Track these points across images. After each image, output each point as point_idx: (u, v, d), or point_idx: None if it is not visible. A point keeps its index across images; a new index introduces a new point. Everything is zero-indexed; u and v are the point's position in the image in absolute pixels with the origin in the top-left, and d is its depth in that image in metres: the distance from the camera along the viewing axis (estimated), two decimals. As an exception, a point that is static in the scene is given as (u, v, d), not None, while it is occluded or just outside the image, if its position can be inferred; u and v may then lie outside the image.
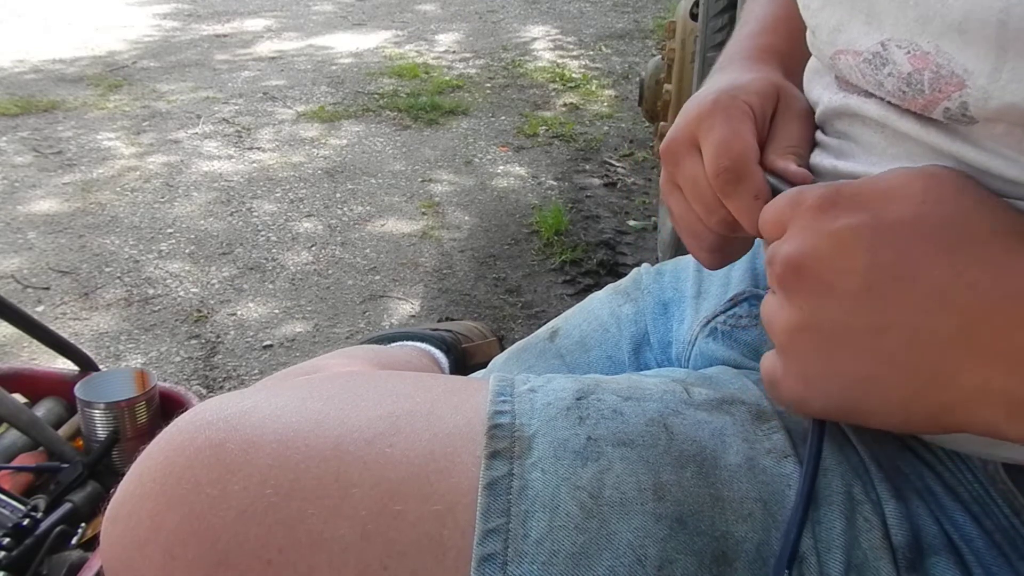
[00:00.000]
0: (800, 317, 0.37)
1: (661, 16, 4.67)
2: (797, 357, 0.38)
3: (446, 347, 1.14)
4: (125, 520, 0.41)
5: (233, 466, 0.40)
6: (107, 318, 1.80)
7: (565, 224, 2.22)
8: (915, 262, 0.34)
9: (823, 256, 0.36)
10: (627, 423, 0.44)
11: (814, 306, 0.37)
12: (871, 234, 0.35)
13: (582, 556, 0.39)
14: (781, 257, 0.38)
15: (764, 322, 0.41)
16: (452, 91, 3.42)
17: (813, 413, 0.40)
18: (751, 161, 0.46)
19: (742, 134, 0.46)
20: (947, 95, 0.37)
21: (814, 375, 0.38)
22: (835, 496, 0.42)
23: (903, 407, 0.36)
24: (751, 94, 0.49)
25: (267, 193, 2.44)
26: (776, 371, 0.40)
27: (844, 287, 0.36)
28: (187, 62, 3.77)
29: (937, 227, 0.35)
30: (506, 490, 0.40)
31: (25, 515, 0.93)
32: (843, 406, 0.38)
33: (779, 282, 0.38)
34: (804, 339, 0.37)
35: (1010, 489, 0.43)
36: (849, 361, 0.36)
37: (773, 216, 0.41)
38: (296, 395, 0.45)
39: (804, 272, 0.37)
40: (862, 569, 0.40)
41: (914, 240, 0.35)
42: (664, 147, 0.50)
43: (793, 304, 0.38)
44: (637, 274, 0.72)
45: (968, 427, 0.35)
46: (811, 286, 0.37)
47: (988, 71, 0.35)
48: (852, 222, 0.36)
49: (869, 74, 0.41)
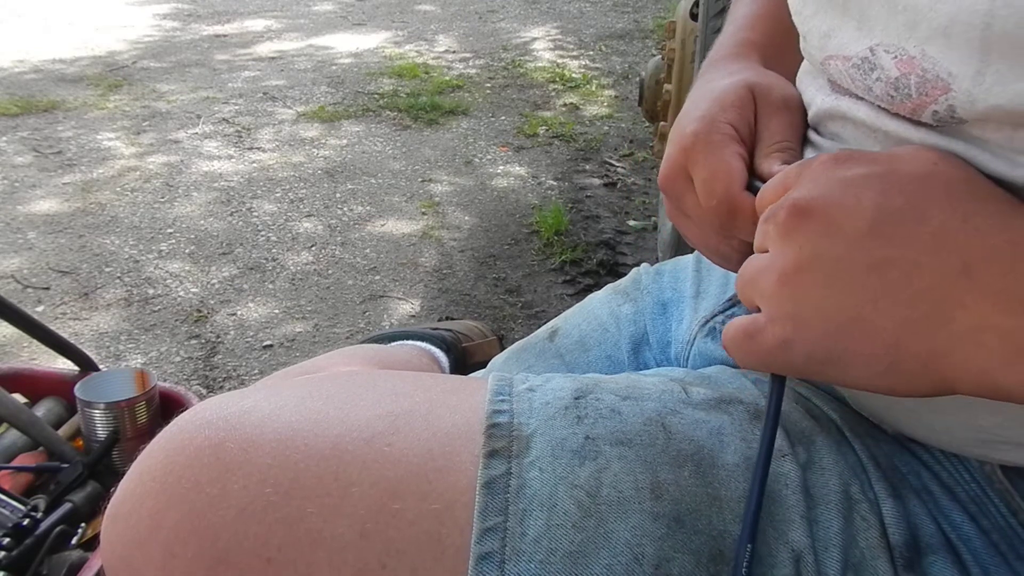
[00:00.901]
0: (799, 257, 0.37)
1: (661, 16, 4.67)
2: (789, 298, 0.37)
3: (446, 346, 1.14)
4: (125, 518, 0.41)
5: (233, 465, 0.40)
6: (107, 318, 1.80)
7: (565, 224, 2.22)
8: (924, 207, 0.35)
9: (833, 197, 0.36)
10: (625, 422, 0.44)
11: (816, 244, 0.36)
12: (882, 181, 0.36)
13: (579, 555, 0.39)
14: (788, 202, 0.37)
15: (745, 282, 0.40)
16: (452, 91, 3.42)
17: (793, 362, 0.38)
18: (737, 193, 0.46)
19: (724, 165, 0.46)
20: (934, 99, 0.37)
21: (803, 316, 0.36)
22: (832, 495, 0.42)
23: (892, 348, 0.35)
24: (728, 109, 0.49)
25: (267, 193, 2.44)
26: (756, 322, 0.38)
27: (850, 225, 0.35)
28: (187, 62, 3.77)
29: (948, 182, 0.35)
30: (504, 489, 0.40)
31: (25, 515, 0.93)
32: (828, 351, 0.36)
33: (781, 227, 0.37)
34: (800, 279, 0.37)
35: (1007, 489, 0.43)
36: (845, 298, 0.35)
37: (775, 185, 0.41)
38: (295, 394, 0.45)
39: (811, 213, 0.36)
40: (859, 568, 0.40)
41: (924, 189, 0.35)
42: (662, 182, 0.51)
43: (793, 245, 0.37)
44: (636, 274, 0.72)
45: (959, 375, 0.34)
46: (816, 226, 0.36)
47: (972, 74, 0.35)
48: (865, 171, 0.36)
49: (858, 79, 0.41)
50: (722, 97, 0.49)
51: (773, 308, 0.38)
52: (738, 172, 0.46)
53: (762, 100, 0.50)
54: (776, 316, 0.37)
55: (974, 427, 0.41)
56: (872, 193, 0.35)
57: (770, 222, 0.38)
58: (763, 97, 0.50)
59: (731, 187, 0.46)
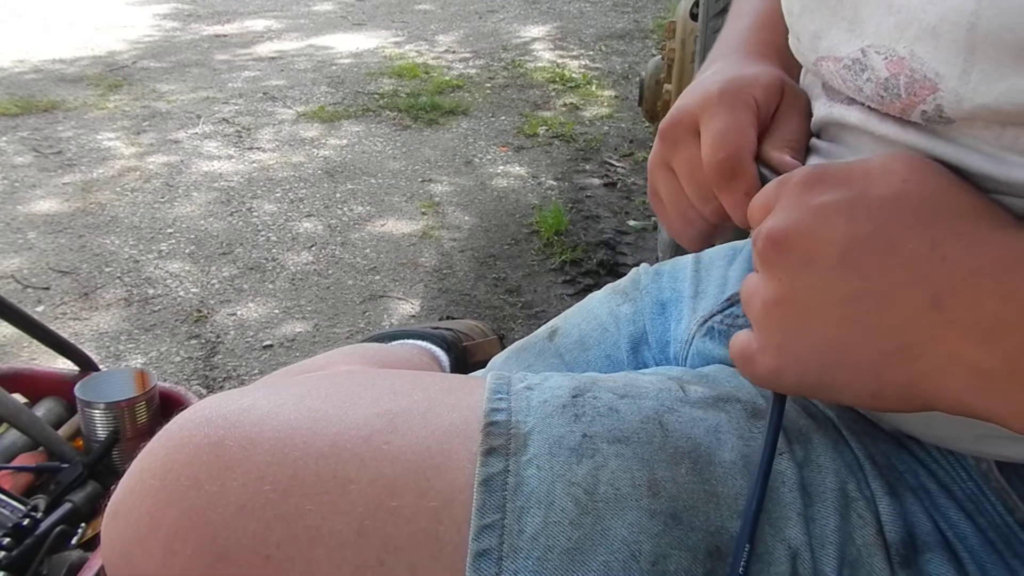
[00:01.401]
0: (778, 290, 0.38)
1: (661, 16, 4.67)
2: (774, 330, 0.38)
3: (446, 345, 1.14)
4: (125, 516, 0.41)
5: (232, 463, 0.40)
6: (107, 318, 1.81)
7: (565, 224, 2.23)
8: (892, 234, 0.35)
9: (803, 229, 0.37)
10: (623, 420, 0.44)
11: (792, 278, 0.37)
12: (851, 208, 0.36)
13: (577, 552, 0.39)
14: (764, 233, 0.38)
15: (743, 300, 0.41)
16: (452, 91, 3.43)
17: (787, 387, 0.40)
18: (747, 158, 0.46)
19: (742, 127, 0.46)
20: (922, 98, 0.37)
21: (789, 347, 0.38)
22: (829, 493, 0.42)
23: (874, 378, 0.36)
24: (758, 87, 0.49)
25: (267, 193, 2.44)
26: (751, 346, 0.40)
27: (822, 258, 0.36)
28: (187, 62, 3.77)
29: (916, 203, 0.35)
30: (502, 486, 0.40)
31: (25, 515, 0.93)
32: (817, 378, 0.38)
33: (761, 258, 0.38)
34: (781, 312, 0.38)
35: (1003, 487, 0.43)
36: (823, 331, 0.36)
37: (761, 201, 0.41)
38: (294, 393, 0.45)
39: (785, 245, 0.37)
40: (856, 565, 0.41)
41: (893, 214, 0.35)
42: (664, 126, 0.50)
43: (772, 277, 0.38)
44: (636, 274, 0.72)
45: (938, 401, 0.35)
46: (791, 259, 0.37)
47: (958, 74, 0.35)
48: (834, 197, 0.37)
49: (849, 80, 0.42)
50: (757, 75, 0.50)
51: (762, 337, 0.39)
52: (751, 139, 0.46)
53: (789, 98, 0.50)
54: (765, 345, 0.39)
55: (970, 423, 0.41)
56: (841, 222, 0.36)
57: (754, 247, 0.39)
58: (790, 96, 0.50)
59: (743, 149, 0.46)
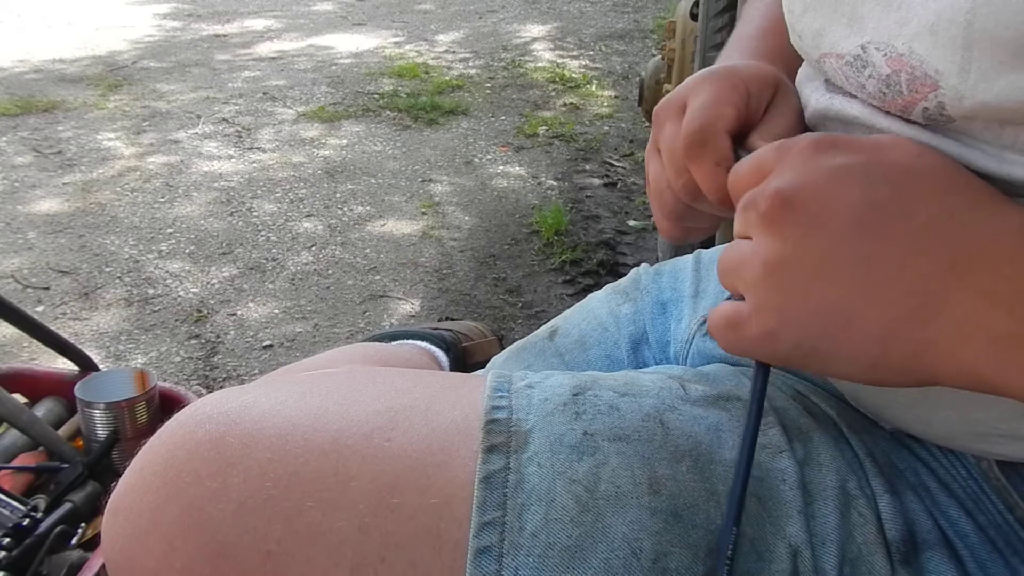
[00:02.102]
0: (783, 249, 0.36)
1: (661, 16, 4.68)
2: (773, 291, 0.36)
3: (446, 346, 1.14)
4: (126, 512, 0.41)
5: (233, 459, 0.40)
6: (107, 318, 1.81)
7: (565, 224, 2.23)
8: (910, 200, 0.34)
9: (818, 188, 0.36)
10: (623, 418, 0.44)
11: (802, 238, 0.36)
12: (867, 172, 0.35)
13: (577, 549, 0.39)
14: (770, 191, 0.37)
15: (726, 269, 0.40)
16: (452, 91, 3.43)
17: (779, 352, 0.37)
18: (720, 129, 0.46)
19: (721, 102, 0.46)
20: (923, 96, 0.37)
21: (790, 309, 0.36)
22: (829, 491, 0.42)
23: (880, 343, 0.35)
24: (751, 75, 0.49)
25: (267, 193, 2.44)
26: (741, 311, 0.38)
27: (836, 220, 0.35)
28: (187, 62, 3.77)
29: (931, 174, 0.35)
30: (502, 484, 0.40)
31: (25, 515, 0.93)
32: (815, 343, 0.36)
33: (764, 216, 0.37)
34: (785, 272, 0.36)
35: (1004, 485, 0.43)
36: (831, 294, 0.35)
37: (751, 163, 0.40)
38: (295, 390, 0.45)
39: (795, 204, 0.36)
40: (856, 563, 0.41)
41: (910, 181, 0.35)
42: (656, 109, 0.51)
43: (777, 237, 0.36)
44: (636, 274, 0.73)
45: (944, 370, 0.34)
46: (801, 218, 0.36)
47: (957, 71, 0.35)
48: (849, 160, 0.36)
49: (852, 76, 0.42)
50: (754, 69, 0.50)
51: (759, 299, 0.37)
52: (728, 116, 0.46)
53: (782, 96, 0.50)
54: (761, 307, 0.37)
55: (970, 420, 0.41)
56: (857, 185, 0.35)
57: (751, 210, 0.38)
58: (784, 94, 0.50)
59: (717, 121, 0.46)
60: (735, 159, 0.45)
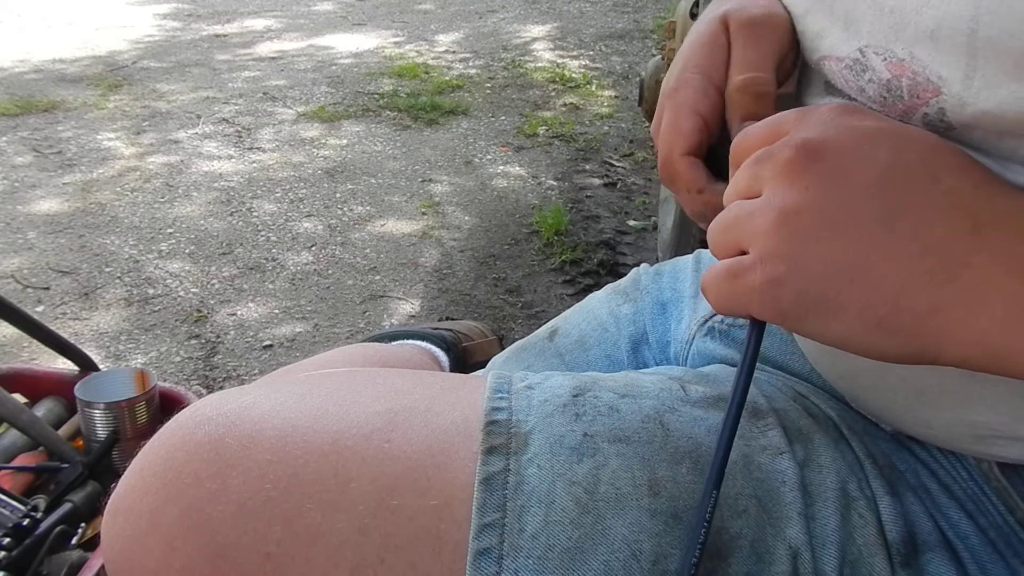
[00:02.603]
0: (802, 199, 0.35)
1: (661, 16, 4.68)
2: (787, 238, 0.35)
3: (446, 345, 1.14)
4: (126, 514, 0.41)
5: (232, 461, 0.40)
6: (107, 318, 1.81)
7: (565, 224, 2.22)
8: (935, 167, 0.34)
9: (846, 143, 0.35)
10: (623, 420, 0.44)
11: (824, 187, 0.35)
12: (895, 137, 0.35)
13: (577, 551, 0.39)
14: (795, 142, 0.36)
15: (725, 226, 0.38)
16: (452, 91, 3.43)
17: (784, 299, 0.35)
18: (677, 157, 0.48)
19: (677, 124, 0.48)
20: (925, 101, 0.37)
21: (799, 257, 0.35)
22: (830, 492, 0.42)
23: (892, 300, 0.33)
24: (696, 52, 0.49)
25: (267, 193, 2.44)
26: (743, 261, 0.36)
27: (862, 173, 0.34)
28: (187, 62, 3.77)
29: (955, 153, 0.35)
30: (502, 485, 0.40)
31: (25, 515, 0.93)
32: (820, 296, 0.35)
33: (785, 165, 0.36)
34: (801, 220, 0.35)
35: (1004, 487, 0.43)
36: (849, 245, 0.34)
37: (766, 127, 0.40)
38: (295, 391, 0.45)
39: (822, 154, 0.35)
40: (856, 564, 0.41)
41: (935, 152, 0.35)
42: (652, 132, 0.53)
43: (797, 185, 0.35)
44: (636, 274, 0.73)
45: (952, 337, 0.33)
46: (826, 168, 0.35)
47: (960, 78, 0.35)
48: (878, 125, 0.36)
49: (851, 80, 0.42)
50: (693, 41, 0.50)
51: (767, 247, 0.35)
52: (687, 133, 0.47)
53: (735, 28, 0.48)
54: (769, 255, 0.35)
55: (969, 423, 0.41)
56: (886, 145, 0.35)
57: (766, 162, 0.37)
58: (736, 23, 0.49)
59: (673, 149, 0.48)
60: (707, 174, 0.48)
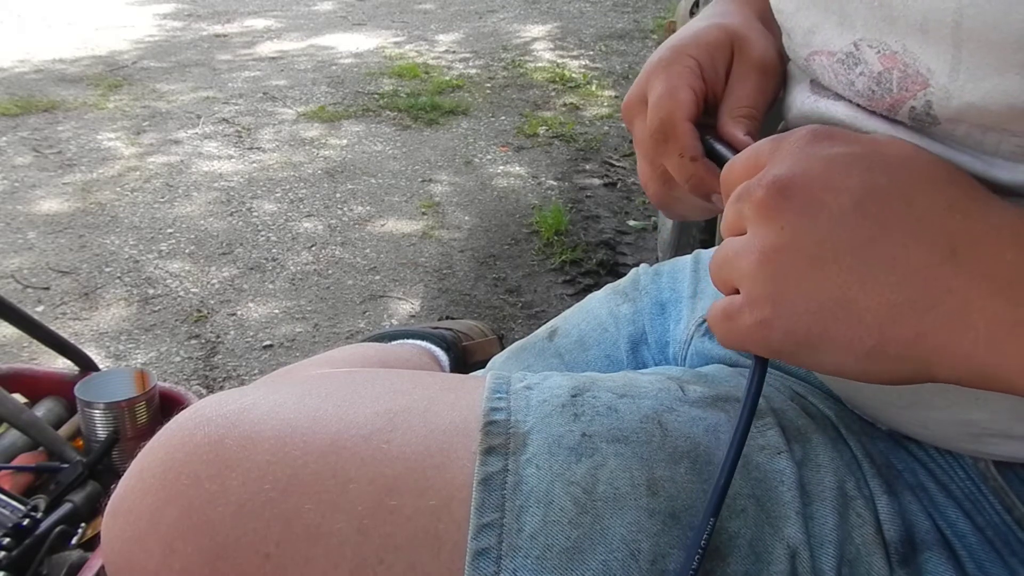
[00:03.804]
0: (779, 238, 0.35)
1: (661, 16, 4.67)
2: (768, 280, 0.35)
3: (446, 345, 1.14)
4: (125, 515, 0.41)
5: (232, 462, 0.41)
6: (107, 318, 1.81)
7: (565, 224, 2.23)
8: (909, 189, 0.34)
9: (816, 176, 0.35)
10: (622, 420, 0.44)
11: (799, 225, 0.35)
12: (865, 161, 0.35)
13: (576, 550, 0.39)
14: (767, 180, 0.36)
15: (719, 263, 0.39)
16: (452, 91, 3.43)
17: (772, 342, 0.36)
18: (679, 119, 0.47)
19: (675, 90, 0.47)
20: (913, 94, 0.37)
21: (785, 296, 0.35)
22: (828, 492, 0.43)
23: (877, 331, 0.33)
24: (699, 47, 0.49)
25: (267, 193, 2.44)
26: (734, 303, 0.37)
27: (833, 205, 0.34)
28: (187, 62, 3.77)
29: (929, 167, 0.35)
30: (501, 485, 0.40)
31: (25, 515, 0.93)
32: (808, 332, 0.35)
33: (760, 205, 0.36)
34: (781, 259, 0.35)
35: (1001, 486, 0.43)
36: (828, 281, 0.34)
37: (746, 160, 0.40)
38: (294, 392, 0.46)
39: (792, 191, 0.35)
40: (855, 564, 0.41)
41: (908, 171, 0.35)
42: (623, 108, 0.52)
43: (774, 225, 0.35)
44: (635, 274, 0.73)
45: (942, 360, 0.33)
46: (798, 205, 0.35)
47: (947, 70, 0.35)
48: (847, 150, 0.36)
49: (842, 74, 0.42)
50: (698, 35, 0.50)
51: (753, 289, 0.36)
52: (686, 102, 0.47)
53: (740, 55, 0.50)
54: (756, 297, 0.36)
55: (965, 422, 0.41)
56: (856, 172, 0.35)
57: (745, 200, 0.37)
58: (741, 51, 0.50)
59: (675, 112, 0.47)
60: (703, 147, 0.47)
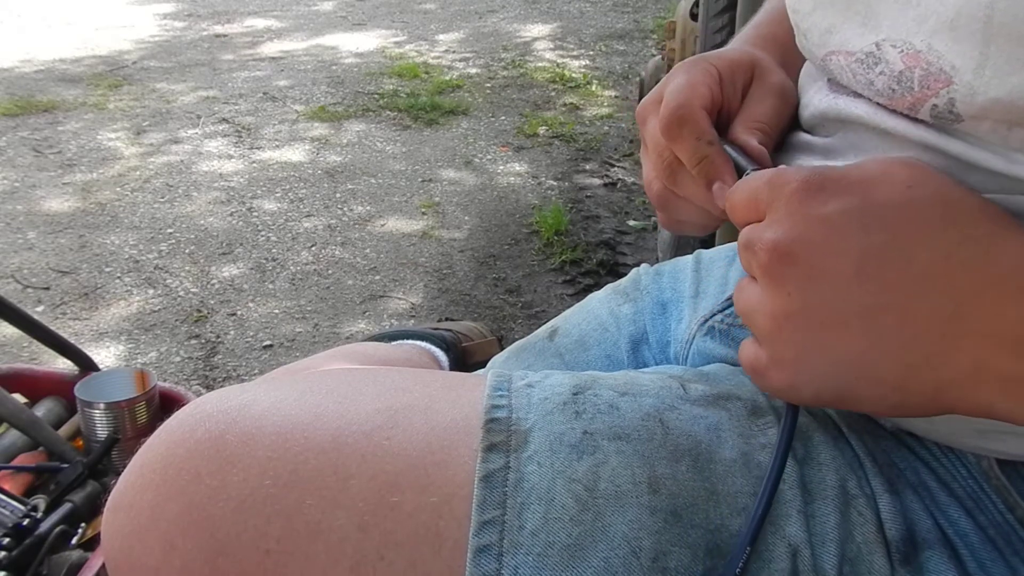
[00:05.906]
0: (788, 304, 0.36)
1: (661, 16, 4.68)
2: (786, 345, 0.37)
3: (446, 345, 1.15)
4: (126, 510, 0.41)
5: (232, 458, 0.40)
6: (107, 318, 1.81)
7: (565, 224, 2.23)
8: (907, 243, 0.34)
9: (814, 241, 0.36)
10: (623, 418, 0.44)
11: (805, 292, 0.36)
12: (862, 218, 0.35)
13: (577, 548, 0.39)
14: (767, 244, 0.37)
15: (742, 311, 0.40)
16: (452, 91, 3.43)
17: (803, 401, 0.39)
18: (696, 106, 0.47)
19: (695, 83, 0.48)
20: (935, 92, 0.37)
21: (804, 362, 0.37)
22: (829, 490, 0.42)
23: (898, 389, 0.35)
24: (721, 59, 0.50)
25: (267, 193, 2.44)
26: (761, 360, 0.39)
27: (837, 271, 0.35)
28: (188, 62, 3.77)
29: (926, 207, 0.35)
30: (502, 482, 0.40)
31: (25, 515, 0.93)
32: (836, 392, 0.37)
33: (765, 270, 0.37)
34: (793, 326, 0.36)
35: (1004, 485, 0.43)
36: (841, 345, 0.36)
37: (746, 195, 0.40)
38: (295, 389, 0.45)
39: (794, 259, 0.36)
40: (856, 562, 0.41)
41: (905, 221, 0.35)
42: (637, 110, 0.52)
43: (781, 291, 0.36)
44: (636, 274, 0.73)
45: (963, 408, 0.35)
46: (802, 272, 0.36)
47: (973, 67, 0.35)
48: (842, 206, 0.36)
49: (860, 73, 0.42)
50: (721, 52, 0.51)
51: (774, 351, 0.38)
52: (703, 94, 0.47)
53: (760, 78, 0.51)
54: (777, 361, 0.38)
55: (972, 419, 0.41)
56: (853, 234, 0.35)
57: (751, 257, 0.38)
58: (762, 75, 0.51)
59: (693, 100, 0.47)
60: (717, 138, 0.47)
